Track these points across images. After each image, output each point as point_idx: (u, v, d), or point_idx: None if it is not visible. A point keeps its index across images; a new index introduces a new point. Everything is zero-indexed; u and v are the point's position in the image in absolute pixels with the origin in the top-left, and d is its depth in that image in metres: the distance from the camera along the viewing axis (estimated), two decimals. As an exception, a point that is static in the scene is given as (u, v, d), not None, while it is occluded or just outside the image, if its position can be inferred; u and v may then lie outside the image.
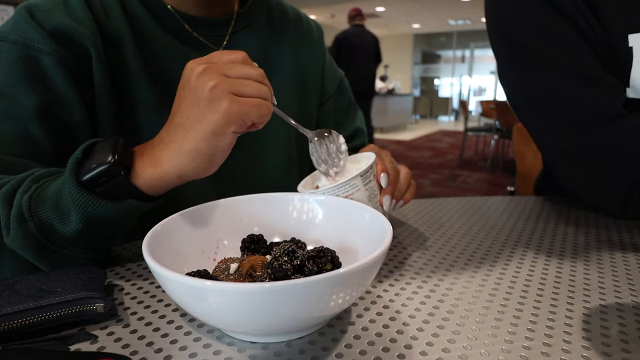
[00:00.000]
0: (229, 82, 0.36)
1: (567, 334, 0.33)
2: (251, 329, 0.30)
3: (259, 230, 0.43)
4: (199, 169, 0.38)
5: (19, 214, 0.37)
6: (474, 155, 5.48)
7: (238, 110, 0.36)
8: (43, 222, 0.38)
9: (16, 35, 0.46)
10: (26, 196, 0.38)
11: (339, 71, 0.78)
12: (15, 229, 0.37)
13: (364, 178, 0.44)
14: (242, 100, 0.36)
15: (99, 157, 0.38)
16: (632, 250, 0.51)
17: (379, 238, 0.34)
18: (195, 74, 0.36)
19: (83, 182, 0.37)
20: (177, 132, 0.38)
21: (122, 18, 0.53)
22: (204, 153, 0.37)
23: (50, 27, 0.47)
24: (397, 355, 0.31)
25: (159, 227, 0.36)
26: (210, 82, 0.36)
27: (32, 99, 0.46)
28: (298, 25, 0.71)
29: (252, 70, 0.38)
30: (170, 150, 0.38)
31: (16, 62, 0.46)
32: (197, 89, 0.36)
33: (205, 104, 0.36)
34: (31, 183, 0.39)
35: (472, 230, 0.57)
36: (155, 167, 0.39)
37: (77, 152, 0.39)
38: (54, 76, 0.47)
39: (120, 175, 0.37)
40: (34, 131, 0.46)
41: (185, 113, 0.38)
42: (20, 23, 0.47)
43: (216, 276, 0.36)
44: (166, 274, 0.28)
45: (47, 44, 0.46)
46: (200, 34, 0.59)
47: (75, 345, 0.32)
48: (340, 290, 0.28)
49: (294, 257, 0.34)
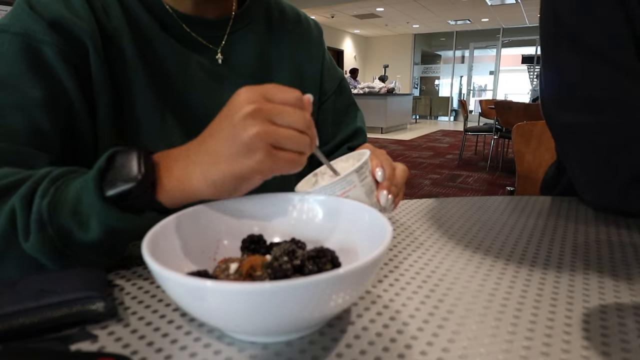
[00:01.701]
0: (271, 135, 0.34)
1: (566, 333, 0.33)
2: (251, 329, 0.30)
3: (259, 230, 0.43)
4: (218, 196, 0.38)
5: (38, 219, 0.37)
6: (473, 155, 5.49)
7: (270, 165, 0.35)
8: (62, 228, 0.37)
9: (17, 27, 0.47)
10: (45, 201, 0.37)
11: (338, 71, 0.78)
12: (35, 233, 0.37)
13: (360, 174, 0.44)
14: (278, 155, 0.35)
15: (124, 171, 0.37)
16: (632, 250, 0.51)
17: (379, 238, 0.34)
18: (242, 113, 0.34)
19: (107, 197, 0.36)
20: (206, 157, 0.37)
21: (122, 17, 0.53)
22: (226, 187, 0.37)
23: (50, 18, 0.47)
24: (397, 355, 0.31)
25: (158, 228, 0.36)
26: (254, 128, 0.34)
27: (38, 90, 0.46)
28: (297, 25, 0.71)
29: (301, 118, 0.36)
30: (194, 172, 0.37)
31: (19, 53, 0.46)
32: (239, 128, 0.34)
33: (241, 147, 0.34)
34: (49, 184, 0.38)
35: (472, 230, 0.57)
36: (179, 187, 0.38)
37: (101, 161, 0.38)
38: (56, 66, 0.47)
39: (146, 194, 0.37)
40: (41, 122, 0.46)
41: (220, 143, 0.36)
42: (21, 15, 0.47)
43: (216, 276, 0.36)
44: (165, 273, 0.28)
45: (47, 35, 0.47)
46: (198, 34, 0.59)
47: (75, 345, 0.32)
48: (340, 291, 0.28)
49: (294, 257, 0.34)
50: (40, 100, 0.46)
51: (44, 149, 0.46)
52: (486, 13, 9.28)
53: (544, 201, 0.72)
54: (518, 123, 1.26)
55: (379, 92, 7.71)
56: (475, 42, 12.05)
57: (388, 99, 7.61)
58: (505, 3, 8.18)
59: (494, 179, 4.15)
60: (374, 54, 13.13)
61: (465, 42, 12.13)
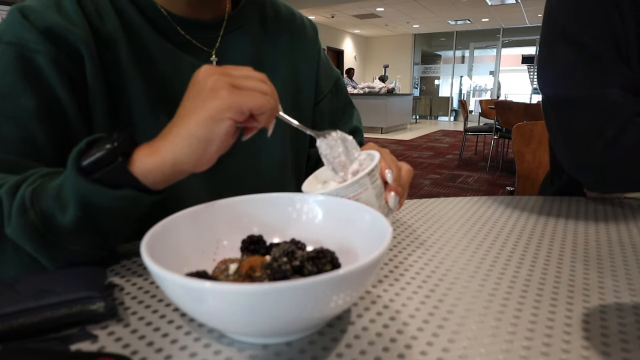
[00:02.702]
0: (231, 76, 0.38)
1: (566, 333, 0.33)
2: (249, 330, 0.30)
3: (259, 231, 0.43)
4: (194, 155, 0.38)
5: (20, 203, 0.38)
6: (473, 155, 5.48)
7: (236, 98, 0.37)
8: (43, 212, 0.38)
9: (10, 36, 0.46)
10: (29, 188, 0.39)
11: (334, 70, 0.78)
12: (16, 218, 0.38)
13: (371, 176, 0.44)
14: (241, 90, 0.38)
15: (100, 144, 0.38)
16: (631, 250, 0.51)
17: (379, 238, 0.34)
18: (201, 73, 0.39)
19: (82, 167, 0.37)
20: (176, 122, 0.39)
21: (115, 21, 0.53)
22: (199, 138, 0.37)
23: (43, 27, 0.47)
24: (397, 355, 0.31)
25: (158, 227, 0.36)
26: (213, 76, 0.38)
27: (32, 100, 0.46)
28: (292, 24, 0.71)
29: (256, 72, 0.40)
30: (166, 138, 0.39)
31: (12, 62, 0.46)
32: (200, 82, 0.38)
33: (206, 93, 0.38)
34: (37, 177, 0.40)
35: (472, 230, 0.57)
36: (151, 155, 0.38)
37: (81, 144, 0.39)
38: (49, 75, 0.47)
39: (117, 162, 0.37)
40: (34, 132, 0.46)
41: (186, 105, 0.39)
42: (14, 24, 0.47)
43: (215, 277, 0.36)
44: (164, 274, 0.28)
45: (40, 44, 0.47)
46: (192, 37, 0.59)
47: (75, 345, 0.32)
48: (340, 292, 0.28)
49: (294, 258, 0.34)
50: (34, 110, 0.46)
51: (37, 159, 0.46)
52: (486, 13, 9.27)
53: (544, 201, 0.72)
54: (518, 123, 1.26)
55: (379, 92, 7.71)
56: (476, 42, 12.04)
57: (388, 99, 7.60)
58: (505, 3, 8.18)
59: (494, 179, 4.15)
60: (374, 54, 13.13)
61: (465, 42, 12.12)
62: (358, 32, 12.16)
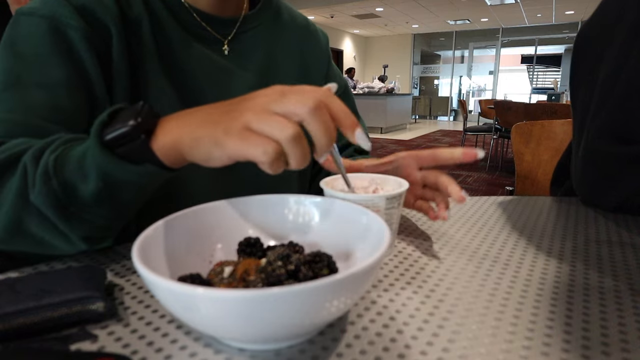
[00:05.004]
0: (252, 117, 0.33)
1: (566, 333, 0.33)
2: (242, 337, 0.29)
3: (256, 233, 0.43)
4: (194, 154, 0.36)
5: (44, 172, 0.38)
6: (473, 155, 5.48)
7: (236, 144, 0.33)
8: (66, 181, 0.38)
9: (45, 10, 0.49)
10: (53, 156, 0.39)
11: (343, 78, 0.81)
12: (39, 185, 0.38)
13: (389, 201, 0.44)
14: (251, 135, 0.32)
15: (123, 119, 0.37)
16: (631, 250, 0.51)
17: (377, 241, 0.33)
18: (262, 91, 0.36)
19: (105, 142, 0.37)
20: (195, 115, 0.37)
21: (141, 6, 0.56)
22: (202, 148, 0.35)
23: (78, 4, 0.51)
24: (397, 355, 0.31)
25: (150, 230, 0.35)
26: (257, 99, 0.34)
27: (62, 70, 0.49)
28: (305, 29, 0.74)
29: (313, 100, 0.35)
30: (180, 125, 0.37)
31: (46, 34, 0.49)
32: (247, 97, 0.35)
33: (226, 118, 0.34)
34: (60, 144, 0.41)
35: (472, 230, 0.57)
36: (170, 134, 0.37)
37: (104, 115, 0.38)
38: (80, 50, 0.50)
39: (139, 139, 0.37)
40: (62, 100, 0.48)
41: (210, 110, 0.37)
42: None
43: (209, 280, 0.36)
44: (153, 279, 0.26)
45: (74, 19, 0.50)
46: (211, 28, 0.62)
47: (75, 344, 0.32)
48: (336, 297, 0.27)
49: (289, 262, 0.33)
50: (63, 80, 0.49)
51: (63, 124, 0.48)
52: (486, 13, 9.28)
53: (543, 201, 0.72)
54: (517, 123, 1.26)
55: (378, 92, 7.71)
56: (475, 42, 12.05)
57: (388, 99, 7.60)
58: (505, 3, 8.19)
59: (493, 179, 4.15)
60: (374, 54, 13.13)
61: (464, 42, 12.13)
62: (357, 32, 12.16)
